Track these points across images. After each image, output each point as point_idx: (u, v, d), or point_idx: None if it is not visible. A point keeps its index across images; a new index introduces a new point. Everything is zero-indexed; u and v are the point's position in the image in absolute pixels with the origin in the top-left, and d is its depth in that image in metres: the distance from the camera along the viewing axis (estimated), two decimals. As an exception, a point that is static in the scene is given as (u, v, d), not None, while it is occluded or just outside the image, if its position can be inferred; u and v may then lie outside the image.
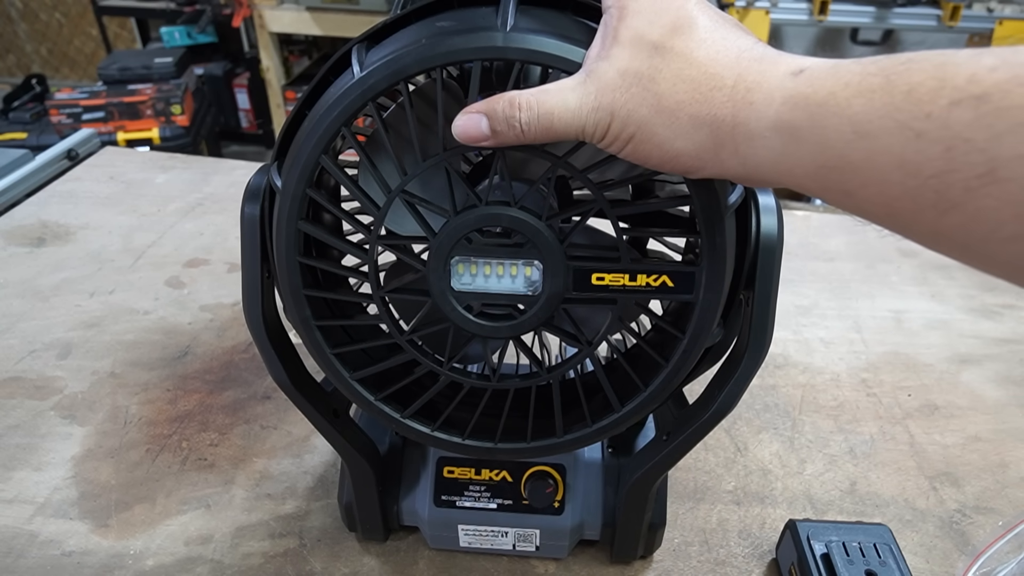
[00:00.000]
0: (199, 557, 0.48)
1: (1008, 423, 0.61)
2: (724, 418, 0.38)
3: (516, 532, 0.45)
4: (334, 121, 0.31)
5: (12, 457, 0.55)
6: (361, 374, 0.37)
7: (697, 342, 0.34)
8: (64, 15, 3.46)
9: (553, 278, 0.33)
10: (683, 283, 0.32)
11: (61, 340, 0.67)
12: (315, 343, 0.36)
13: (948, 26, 2.24)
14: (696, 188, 0.31)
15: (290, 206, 0.33)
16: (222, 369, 0.64)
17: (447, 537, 0.46)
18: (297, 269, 0.34)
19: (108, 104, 2.28)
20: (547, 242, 0.32)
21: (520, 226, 0.32)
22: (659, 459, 0.41)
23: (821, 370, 0.66)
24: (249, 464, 0.55)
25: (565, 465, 0.44)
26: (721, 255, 0.32)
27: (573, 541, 0.46)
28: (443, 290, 0.34)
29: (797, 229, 0.88)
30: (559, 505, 0.44)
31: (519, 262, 0.33)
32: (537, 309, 0.34)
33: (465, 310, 0.34)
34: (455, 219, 0.32)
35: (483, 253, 0.33)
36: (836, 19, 2.30)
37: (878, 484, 0.55)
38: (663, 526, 0.46)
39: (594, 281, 0.33)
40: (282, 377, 0.39)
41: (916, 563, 0.48)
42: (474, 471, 0.45)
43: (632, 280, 0.33)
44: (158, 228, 0.85)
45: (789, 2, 2.29)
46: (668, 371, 0.35)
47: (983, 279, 0.79)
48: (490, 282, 0.33)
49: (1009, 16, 2.22)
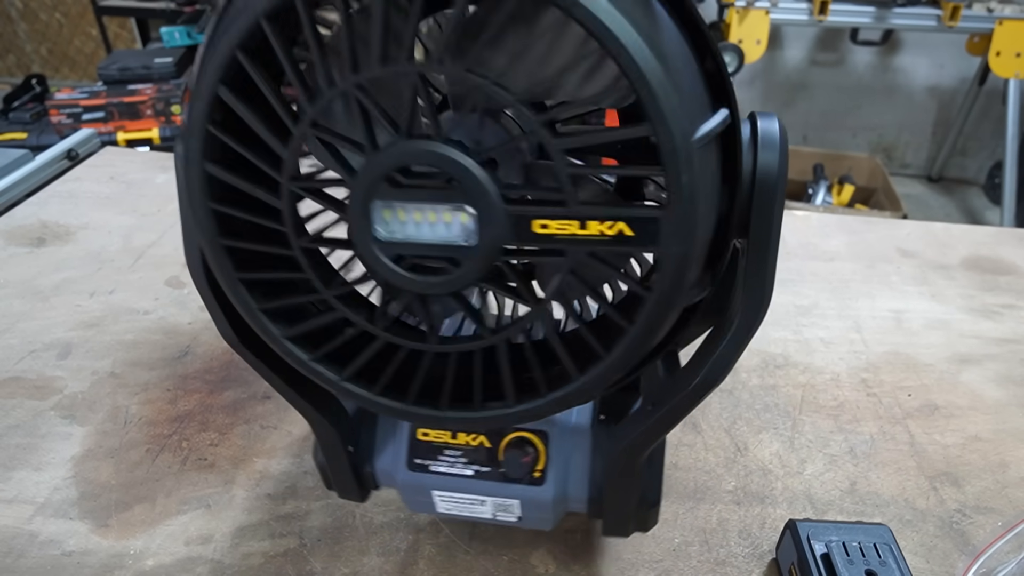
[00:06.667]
0: (199, 557, 0.48)
1: (1008, 423, 0.61)
2: (713, 388, 0.34)
3: (494, 501, 0.42)
4: (228, 47, 0.27)
5: (12, 457, 0.55)
6: (293, 332, 0.33)
7: (667, 302, 0.28)
8: (64, 15, 3.46)
9: (489, 226, 0.28)
10: (646, 232, 0.27)
11: (61, 340, 0.67)
12: (240, 298, 0.33)
13: (948, 26, 2.24)
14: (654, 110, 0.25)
15: (194, 144, 0.29)
16: (222, 369, 0.64)
17: (423, 502, 0.43)
18: (210, 216, 0.30)
19: (108, 104, 2.28)
20: (478, 182, 0.27)
21: (447, 164, 0.27)
22: (643, 431, 0.36)
23: (821, 370, 0.66)
24: (249, 464, 0.55)
25: (548, 432, 0.40)
26: (691, 197, 0.26)
27: (558, 514, 0.42)
28: (366, 240, 0.29)
29: (797, 229, 0.88)
30: (540, 475, 0.40)
31: (449, 207, 0.28)
32: (474, 262, 0.29)
33: (393, 262, 0.30)
34: (373, 157, 0.28)
35: (408, 197, 0.28)
36: (836, 19, 2.30)
37: (878, 484, 0.55)
38: (658, 503, 0.42)
39: (537, 229, 0.27)
40: (228, 333, 0.36)
41: (916, 563, 0.48)
42: (450, 435, 0.41)
43: (583, 228, 0.27)
44: (158, 228, 0.85)
45: (789, 2, 2.30)
46: (633, 335, 0.29)
47: (983, 279, 0.79)
48: (422, 231, 0.29)
49: (1009, 16, 2.22)
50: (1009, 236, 0.88)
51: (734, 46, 2.29)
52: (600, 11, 0.23)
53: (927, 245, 0.86)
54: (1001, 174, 2.51)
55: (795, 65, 2.97)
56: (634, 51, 0.24)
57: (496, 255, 0.29)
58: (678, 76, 0.25)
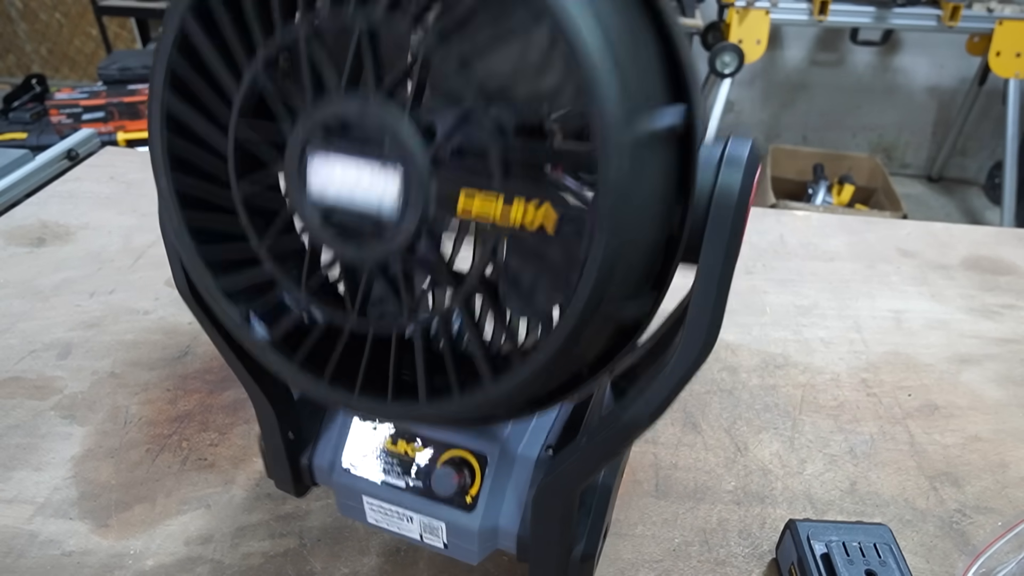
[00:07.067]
0: (199, 557, 0.48)
1: (1008, 423, 0.61)
2: (647, 428, 0.31)
3: (421, 520, 0.39)
4: None
5: (12, 457, 0.55)
6: (226, 283, 0.32)
7: (590, 303, 0.25)
8: (64, 15, 3.47)
9: (415, 192, 0.26)
10: (571, 223, 0.25)
11: (61, 340, 0.67)
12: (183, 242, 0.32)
13: (948, 26, 2.24)
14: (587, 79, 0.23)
15: (161, 74, 0.29)
16: (222, 369, 0.64)
17: (353, 508, 0.41)
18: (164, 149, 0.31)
19: (108, 104, 2.28)
20: (408, 143, 0.26)
21: (380, 120, 0.26)
22: (570, 464, 0.33)
23: (821, 370, 0.66)
24: (249, 464, 0.55)
25: (488, 456, 0.37)
26: (622, 195, 0.24)
27: (485, 548, 0.39)
28: (298, 191, 0.29)
29: (797, 229, 0.88)
30: (471, 500, 0.37)
31: (379, 165, 0.27)
32: (397, 231, 0.27)
33: (324, 222, 0.29)
34: (313, 106, 0.27)
35: (342, 150, 0.27)
36: (836, 19, 2.30)
37: (878, 484, 0.55)
38: (591, 558, 0.37)
39: (461, 208, 0.26)
40: (182, 283, 0.35)
41: (916, 563, 0.48)
42: (391, 440, 0.39)
43: (507, 205, 0.25)
44: (158, 228, 0.84)
45: (789, 2, 2.30)
46: (551, 340, 0.27)
47: (983, 279, 0.80)
48: (354, 192, 0.28)
49: (1009, 16, 2.22)
50: (1009, 236, 0.88)
51: (734, 46, 2.29)
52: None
53: (927, 245, 0.86)
54: (1001, 174, 2.51)
55: (795, 65, 2.97)
56: (578, 24, 0.22)
57: (419, 227, 0.27)
58: (628, 63, 0.24)
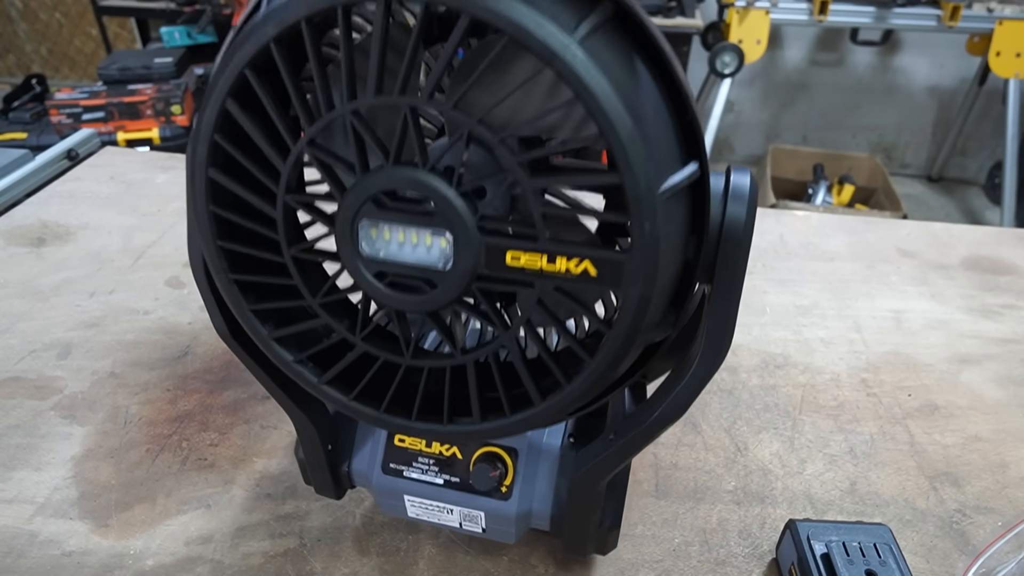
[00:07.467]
0: (199, 557, 0.48)
1: (1008, 423, 0.61)
2: (672, 424, 0.36)
3: (461, 511, 0.43)
4: (236, 64, 0.28)
5: (12, 457, 0.55)
6: (279, 333, 0.35)
7: (628, 338, 0.30)
8: (64, 15, 3.47)
9: (465, 252, 0.29)
10: (609, 273, 0.28)
11: (61, 340, 0.67)
12: (233, 297, 0.34)
13: (948, 26, 2.24)
14: (622, 160, 0.26)
15: (201, 151, 0.31)
16: (222, 369, 0.64)
17: (395, 505, 0.45)
18: (210, 219, 0.32)
19: (108, 104, 2.28)
20: (457, 212, 0.29)
21: (429, 192, 0.29)
22: (602, 459, 0.38)
23: (821, 370, 0.66)
24: (249, 464, 0.55)
25: (518, 449, 0.42)
26: (654, 243, 0.27)
27: (520, 528, 0.44)
28: (350, 254, 0.31)
29: (797, 229, 0.88)
30: (507, 490, 0.42)
31: (429, 231, 0.30)
32: (448, 285, 0.31)
33: (376, 278, 0.32)
34: (362, 179, 0.29)
35: (392, 218, 0.30)
36: (836, 19, 2.30)
37: (878, 484, 0.55)
38: (617, 527, 0.44)
39: (509, 261, 0.29)
40: (221, 326, 0.37)
41: (916, 563, 0.48)
42: (424, 443, 0.43)
43: (551, 263, 0.29)
44: (158, 228, 0.85)
45: (789, 2, 2.30)
46: (593, 368, 0.31)
47: (983, 279, 0.80)
48: (404, 251, 0.31)
49: (1009, 16, 2.22)
50: (1009, 236, 0.88)
51: (734, 46, 2.29)
52: (577, 64, 0.25)
53: (927, 245, 0.86)
54: (1001, 174, 2.51)
55: (795, 65, 2.97)
56: (605, 103, 0.25)
57: (469, 281, 0.30)
58: (650, 129, 0.26)
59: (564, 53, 0.24)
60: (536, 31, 0.24)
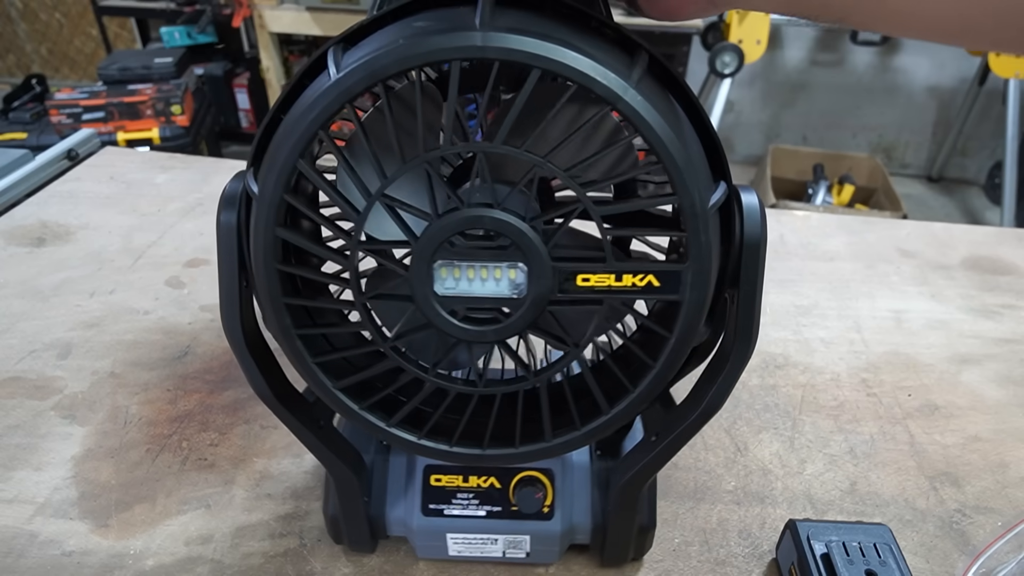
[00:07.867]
0: (199, 557, 0.48)
1: (1008, 423, 0.61)
2: (712, 416, 0.38)
3: (506, 539, 0.45)
4: (311, 124, 0.30)
5: (12, 457, 0.55)
6: (345, 383, 0.37)
7: (685, 341, 0.34)
8: (64, 15, 3.47)
9: (538, 280, 0.32)
10: (669, 282, 0.32)
11: (61, 340, 0.67)
12: (296, 353, 0.36)
13: (948, 26, 2.24)
14: (679, 182, 0.30)
15: (267, 212, 0.32)
16: (222, 369, 0.64)
17: (436, 547, 0.46)
18: (276, 277, 0.33)
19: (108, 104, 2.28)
20: (531, 244, 0.32)
21: (503, 228, 0.31)
22: (648, 460, 0.41)
23: (821, 370, 0.66)
24: (249, 464, 0.55)
25: (554, 470, 0.44)
26: (707, 253, 0.31)
27: (563, 546, 0.46)
28: (426, 295, 0.33)
29: (797, 229, 0.88)
30: (548, 510, 0.44)
31: (503, 265, 0.32)
32: (522, 312, 0.33)
33: (449, 315, 0.34)
34: (437, 222, 0.31)
35: (466, 256, 0.32)
36: (836, 19, 2.29)
37: (878, 484, 0.55)
38: (653, 527, 0.46)
39: (579, 283, 0.32)
40: (263, 389, 0.39)
41: (916, 563, 0.48)
42: (461, 478, 0.44)
43: (618, 281, 0.32)
44: (158, 228, 0.85)
45: (789, 2, 2.29)
46: (656, 371, 0.35)
47: (983, 279, 0.80)
48: (474, 286, 0.33)
49: (1009, 16, 2.21)
50: (1009, 236, 0.88)
51: (734, 46, 2.29)
52: (637, 104, 0.29)
53: (927, 245, 0.86)
54: (1001, 174, 2.51)
55: (795, 65, 2.97)
56: (663, 135, 0.29)
57: (542, 306, 0.33)
58: (692, 154, 0.31)
59: (625, 95, 0.28)
60: (602, 79, 0.28)
